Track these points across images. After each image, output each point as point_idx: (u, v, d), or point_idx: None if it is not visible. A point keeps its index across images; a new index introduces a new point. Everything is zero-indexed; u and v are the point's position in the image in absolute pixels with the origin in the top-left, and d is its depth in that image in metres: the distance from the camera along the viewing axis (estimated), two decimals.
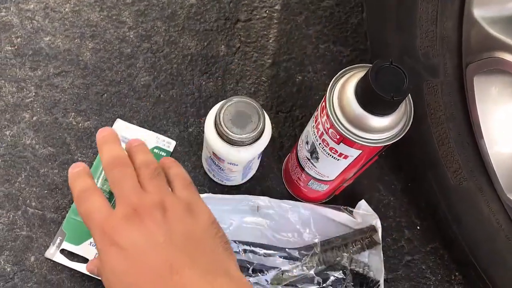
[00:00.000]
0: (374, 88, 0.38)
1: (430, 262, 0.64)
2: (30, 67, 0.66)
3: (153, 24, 0.70)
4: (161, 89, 0.67)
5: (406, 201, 0.66)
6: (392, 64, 0.39)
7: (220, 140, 0.52)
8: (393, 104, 0.40)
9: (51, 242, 0.58)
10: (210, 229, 0.41)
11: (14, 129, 0.63)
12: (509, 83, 0.45)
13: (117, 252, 0.37)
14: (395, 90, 0.39)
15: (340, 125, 0.43)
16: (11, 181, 0.60)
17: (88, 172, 0.44)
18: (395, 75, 0.39)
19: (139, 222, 0.38)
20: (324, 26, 0.74)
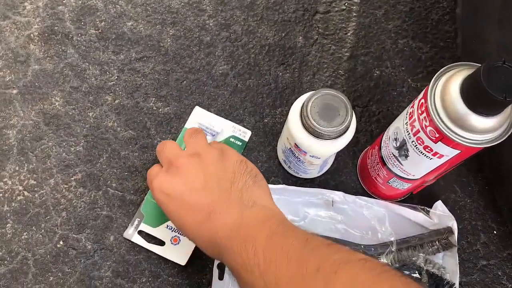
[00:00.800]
0: (486, 87, 0.37)
1: (507, 268, 0.62)
2: (113, 51, 0.67)
3: (232, 13, 0.71)
4: (239, 79, 0.67)
5: (483, 204, 0.64)
6: (505, 63, 0.38)
7: (305, 132, 0.52)
8: (503, 104, 0.39)
9: (130, 223, 0.59)
10: (239, 167, 0.49)
11: (97, 111, 0.64)
12: None
13: (164, 198, 0.49)
14: (508, 90, 0.37)
15: (441, 123, 0.42)
16: (93, 162, 0.62)
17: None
18: (508, 75, 0.38)
19: (176, 172, 0.49)
20: (403, 21, 0.73)
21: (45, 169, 0.61)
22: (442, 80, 0.43)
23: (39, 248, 0.58)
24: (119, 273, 0.58)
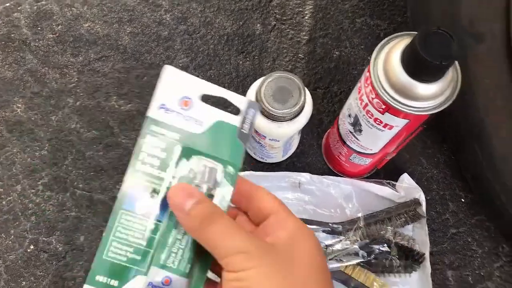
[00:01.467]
0: (422, 54, 0.38)
1: (476, 234, 0.63)
2: (71, 53, 0.67)
3: (188, 6, 0.71)
4: (199, 70, 0.68)
5: (449, 173, 0.65)
6: (440, 29, 0.39)
7: (261, 116, 0.52)
8: (441, 69, 0.39)
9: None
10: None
11: (59, 114, 0.64)
12: None
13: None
14: (444, 55, 0.38)
15: (385, 94, 0.42)
16: (58, 165, 0.62)
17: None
18: (443, 41, 0.39)
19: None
20: (360, 0, 0.73)
21: (11, 175, 0.61)
22: (384, 51, 0.44)
23: (10, 254, 0.58)
24: None
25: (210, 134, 0.37)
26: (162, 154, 0.35)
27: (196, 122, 0.37)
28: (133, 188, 0.34)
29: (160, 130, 0.36)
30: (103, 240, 0.33)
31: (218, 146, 0.36)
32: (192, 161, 0.36)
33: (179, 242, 0.34)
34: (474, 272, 0.61)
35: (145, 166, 0.35)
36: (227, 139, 0.37)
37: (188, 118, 0.37)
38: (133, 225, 0.34)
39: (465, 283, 0.61)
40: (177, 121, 0.36)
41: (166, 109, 0.37)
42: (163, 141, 0.36)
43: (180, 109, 0.37)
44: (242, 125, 0.37)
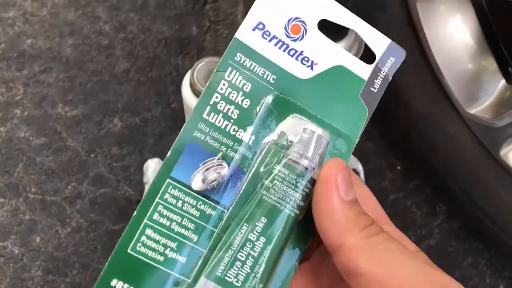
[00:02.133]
0: None
1: (414, 197, 0.67)
2: (16, 68, 0.70)
3: (126, 16, 0.75)
4: (141, 73, 0.71)
5: (383, 144, 0.69)
6: None
7: (196, 99, 0.56)
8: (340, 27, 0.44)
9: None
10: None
11: (7, 125, 0.67)
12: (447, 0, 0.49)
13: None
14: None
15: None
16: (10, 172, 0.64)
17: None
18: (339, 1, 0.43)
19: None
20: None
21: None
22: None
23: None
24: (49, 270, 0.60)
25: (321, 83, 0.26)
26: (245, 102, 0.25)
27: (305, 61, 0.26)
28: (191, 148, 0.24)
29: (250, 63, 0.25)
30: (131, 224, 0.23)
31: (330, 104, 0.26)
32: (287, 122, 0.25)
33: (251, 246, 0.23)
34: (416, 232, 0.65)
35: (217, 116, 0.25)
36: (346, 97, 0.26)
37: (295, 53, 0.26)
38: (183, 207, 0.24)
39: None
40: (277, 55, 0.25)
41: (264, 32, 0.25)
42: (250, 82, 0.25)
43: (285, 36, 0.26)
44: (372, 80, 0.26)
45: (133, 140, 0.67)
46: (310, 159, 0.25)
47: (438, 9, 0.50)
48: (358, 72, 0.26)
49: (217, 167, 0.25)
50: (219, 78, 0.24)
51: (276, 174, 0.24)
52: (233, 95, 0.25)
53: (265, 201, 0.24)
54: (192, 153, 0.24)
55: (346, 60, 0.26)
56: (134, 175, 0.65)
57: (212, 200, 0.24)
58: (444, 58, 0.52)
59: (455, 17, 0.51)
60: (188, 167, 0.24)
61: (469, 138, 0.54)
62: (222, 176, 0.25)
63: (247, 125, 0.25)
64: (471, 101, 0.53)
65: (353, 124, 0.26)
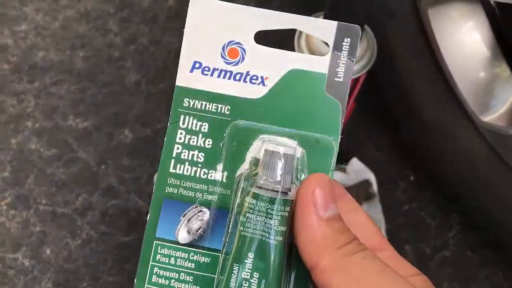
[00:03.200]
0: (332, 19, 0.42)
1: (428, 208, 0.66)
2: (27, 80, 0.71)
3: (137, 28, 0.75)
4: (151, 85, 0.71)
5: (395, 155, 0.69)
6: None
7: None
8: None
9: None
10: None
11: (19, 137, 0.67)
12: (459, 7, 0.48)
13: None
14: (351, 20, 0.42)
15: None
16: (20, 184, 0.64)
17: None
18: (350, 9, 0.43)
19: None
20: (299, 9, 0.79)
21: None
22: None
23: None
24: (59, 283, 0.59)
25: (279, 95, 0.24)
26: (207, 143, 0.25)
27: (255, 80, 0.24)
28: (168, 204, 0.24)
29: (199, 104, 0.25)
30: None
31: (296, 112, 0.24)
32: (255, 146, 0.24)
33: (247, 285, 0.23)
34: (430, 244, 0.64)
35: (183, 166, 0.25)
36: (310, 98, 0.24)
37: (241, 76, 0.24)
38: (176, 263, 0.24)
39: (423, 254, 0.64)
40: (223, 85, 0.24)
41: (203, 68, 0.25)
42: (207, 121, 0.25)
43: (225, 64, 0.25)
44: (334, 70, 0.24)
45: (143, 152, 0.67)
46: (278, 182, 0.23)
47: (450, 15, 0.49)
48: (315, 69, 0.24)
49: (198, 214, 0.24)
50: (175, 129, 0.24)
51: (247, 207, 0.23)
52: (193, 140, 0.24)
53: (245, 236, 0.23)
54: (170, 208, 0.24)
55: (298, 62, 0.24)
56: (145, 186, 0.65)
57: (203, 248, 0.24)
58: (456, 65, 0.51)
59: (467, 24, 0.51)
60: (170, 223, 0.24)
61: (483, 147, 0.54)
62: (205, 221, 0.24)
63: (216, 164, 0.24)
64: (484, 109, 0.52)
65: (329, 123, 0.24)
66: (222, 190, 0.24)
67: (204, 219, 0.24)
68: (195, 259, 0.24)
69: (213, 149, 0.24)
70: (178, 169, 0.24)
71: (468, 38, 0.50)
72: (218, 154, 0.24)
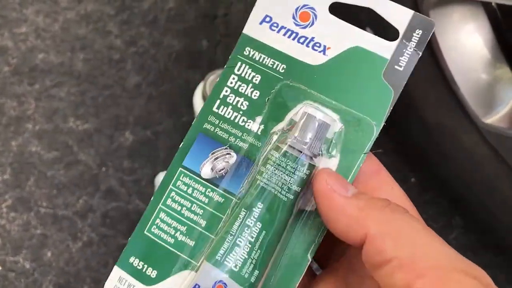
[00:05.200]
0: None
1: (429, 210, 0.66)
2: (28, 82, 0.70)
3: (137, 30, 0.75)
4: (152, 87, 0.71)
5: (396, 156, 0.69)
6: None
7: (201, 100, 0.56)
8: None
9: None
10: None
11: (19, 140, 0.67)
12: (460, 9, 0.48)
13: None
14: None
15: None
16: (21, 186, 0.64)
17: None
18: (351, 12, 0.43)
19: None
20: None
21: None
22: None
23: None
24: (60, 285, 0.59)
25: (336, 67, 0.24)
26: (254, 94, 0.25)
27: (317, 47, 0.25)
28: (202, 139, 0.25)
29: (259, 56, 0.25)
30: (149, 208, 0.25)
31: (348, 89, 0.24)
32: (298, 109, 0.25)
33: (248, 232, 0.23)
34: None
35: (226, 109, 0.25)
36: (366, 79, 0.24)
37: (305, 40, 0.25)
38: (193, 193, 0.25)
39: None
40: (286, 44, 0.25)
41: (272, 24, 0.25)
42: (260, 74, 0.25)
43: (294, 25, 0.25)
44: (397, 58, 0.24)
45: (144, 154, 0.67)
46: (306, 143, 0.24)
47: (451, 17, 0.49)
48: (379, 51, 0.24)
49: (226, 156, 0.25)
50: (229, 73, 0.25)
51: (270, 159, 0.24)
52: (242, 88, 0.25)
53: (260, 186, 0.24)
54: (202, 143, 0.25)
55: (364, 40, 0.24)
56: (146, 188, 0.64)
57: (221, 188, 0.25)
58: (458, 67, 0.51)
59: (468, 26, 0.51)
60: (198, 156, 0.25)
61: (485, 148, 0.53)
62: (230, 165, 0.25)
63: (256, 116, 0.25)
64: (486, 110, 0.52)
65: (377, 108, 0.24)
66: (254, 141, 0.25)
67: (230, 162, 0.25)
68: (211, 196, 0.25)
69: (258, 101, 0.25)
70: (221, 110, 0.25)
71: (469, 40, 0.50)
72: (261, 107, 0.25)
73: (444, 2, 0.49)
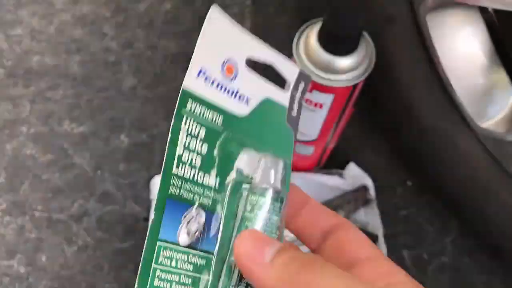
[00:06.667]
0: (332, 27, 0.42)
1: (426, 213, 0.66)
2: (23, 85, 0.70)
3: (133, 32, 0.75)
4: (148, 89, 0.71)
5: (393, 160, 0.69)
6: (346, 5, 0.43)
7: None
8: (351, 41, 0.44)
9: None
10: None
11: (14, 143, 0.66)
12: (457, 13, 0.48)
13: None
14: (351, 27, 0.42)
15: (308, 71, 0.46)
16: (15, 190, 0.63)
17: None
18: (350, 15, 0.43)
19: None
20: (294, 14, 0.78)
21: None
22: (304, 34, 0.48)
23: None
24: None
25: (256, 117, 0.27)
26: (203, 148, 0.25)
27: (242, 99, 0.27)
28: (172, 206, 0.24)
29: (199, 108, 0.25)
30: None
31: (264, 135, 0.27)
32: (241, 158, 0.26)
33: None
34: (428, 249, 0.64)
35: (184, 167, 0.25)
36: (275, 125, 0.28)
37: (233, 92, 0.26)
38: (177, 265, 0.24)
39: (420, 260, 0.63)
40: (219, 97, 0.26)
41: (206, 77, 0.26)
42: (204, 127, 0.25)
43: (222, 77, 0.26)
44: (291, 106, 0.28)
45: (140, 157, 0.66)
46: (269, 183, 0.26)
47: (448, 21, 0.49)
48: (281, 101, 0.28)
49: (196, 217, 0.25)
50: (178, 129, 0.25)
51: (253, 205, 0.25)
52: (192, 144, 0.25)
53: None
54: (172, 210, 0.24)
55: (271, 92, 0.28)
56: (141, 192, 0.64)
57: (199, 250, 0.25)
58: (454, 71, 0.51)
59: (465, 30, 0.51)
60: (172, 224, 0.24)
61: (481, 153, 0.54)
62: (202, 224, 0.25)
63: (210, 169, 0.25)
64: (483, 115, 0.52)
65: (286, 147, 0.28)
66: (215, 195, 0.25)
67: (201, 221, 0.25)
68: (193, 261, 0.24)
69: (208, 155, 0.25)
70: (180, 170, 0.25)
71: (466, 44, 0.51)
72: (213, 161, 0.26)
73: (441, 6, 0.49)
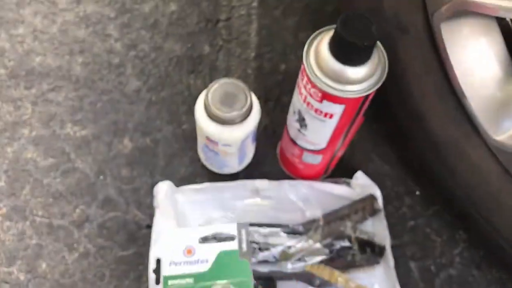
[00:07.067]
0: (344, 37, 0.41)
1: (434, 224, 0.65)
2: (24, 86, 0.69)
3: (138, 34, 0.73)
4: (152, 92, 0.70)
5: (402, 169, 0.67)
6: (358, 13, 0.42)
7: (211, 121, 0.54)
8: (364, 51, 0.42)
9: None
10: None
11: (14, 146, 0.65)
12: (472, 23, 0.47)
13: None
14: (364, 36, 0.41)
15: (319, 81, 0.45)
16: (16, 194, 0.62)
17: None
18: (363, 24, 0.41)
19: None
20: (301, 17, 0.77)
21: None
22: (314, 43, 0.46)
23: None
24: None
25: (216, 265, 0.47)
26: None
27: (202, 262, 0.47)
28: None
29: (177, 282, 0.46)
30: None
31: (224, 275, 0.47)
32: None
33: None
34: (436, 261, 0.63)
35: None
36: (232, 265, 0.47)
37: (194, 262, 0.47)
38: None
39: (428, 272, 0.62)
40: (186, 269, 0.47)
41: (175, 263, 0.48)
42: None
43: (185, 258, 0.48)
44: (240, 245, 0.48)
45: (143, 162, 0.65)
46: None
47: (463, 31, 0.48)
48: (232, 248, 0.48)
49: None
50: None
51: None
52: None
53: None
54: None
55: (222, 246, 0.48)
56: (144, 198, 0.63)
57: None
58: (468, 82, 0.50)
59: (480, 40, 0.49)
60: None
61: (494, 166, 0.52)
62: None
63: None
64: (497, 127, 0.50)
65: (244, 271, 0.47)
66: None
67: None
68: None
69: None
70: None
71: (481, 55, 0.49)
72: None
73: (456, 15, 0.47)
